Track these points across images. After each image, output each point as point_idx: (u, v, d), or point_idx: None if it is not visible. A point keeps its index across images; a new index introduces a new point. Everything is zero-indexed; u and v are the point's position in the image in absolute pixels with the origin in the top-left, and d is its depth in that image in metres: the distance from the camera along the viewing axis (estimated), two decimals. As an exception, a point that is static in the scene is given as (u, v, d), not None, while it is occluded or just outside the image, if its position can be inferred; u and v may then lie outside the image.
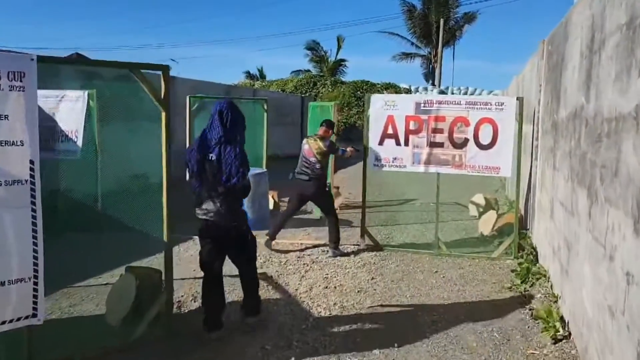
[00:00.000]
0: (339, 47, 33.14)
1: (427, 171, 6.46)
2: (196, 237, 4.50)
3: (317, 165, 6.37)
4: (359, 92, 26.83)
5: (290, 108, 20.93)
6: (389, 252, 6.50)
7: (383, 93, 26.76)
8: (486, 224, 7.49)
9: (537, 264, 5.59)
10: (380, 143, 6.53)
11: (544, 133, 5.80)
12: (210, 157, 3.61)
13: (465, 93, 24.74)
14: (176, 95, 12.52)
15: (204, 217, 3.72)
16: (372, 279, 5.50)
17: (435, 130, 6.33)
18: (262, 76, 34.75)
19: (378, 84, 27.17)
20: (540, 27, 73.01)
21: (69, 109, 7.13)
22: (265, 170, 7.95)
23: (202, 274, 4.02)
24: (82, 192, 7.55)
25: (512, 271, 5.65)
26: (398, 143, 6.47)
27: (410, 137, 6.43)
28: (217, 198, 3.64)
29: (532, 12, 73.55)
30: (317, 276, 5.52)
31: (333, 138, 6.69)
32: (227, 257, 4.01)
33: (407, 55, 31.60)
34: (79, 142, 7.10)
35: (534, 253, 5.89)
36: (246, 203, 7.62)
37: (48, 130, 7.16)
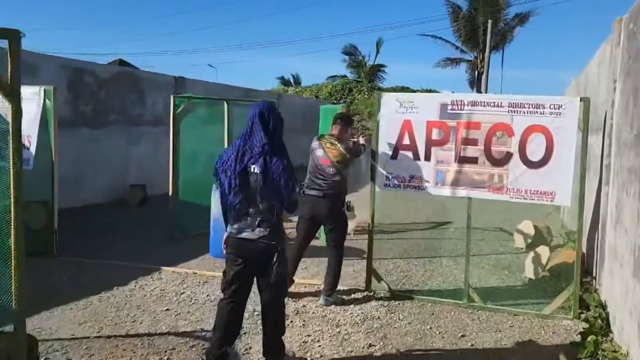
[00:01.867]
0: (378, 52, 31.61)
1: (455, 195, 4.86)
2: (164, 269, 4.89)
3: (336, 178, 4.75)
4: (397, 99, 25.18)
5: (316, 114, 19.50)
6: (402, 302, 4.91)
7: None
8: (535, 263, 5.78)
9: (610, 337, 3.90)
10: (394, 156, 4.99)
11: (622, 148, 4.11)
12: (252, 169, 3.15)
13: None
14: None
15: (240, 236, 3.24)
16: (370, 346, 3.94)
17: (467, 141, 4.74)
18: (297, 82, 33.58)
19: (418, 90, 25.43)
20: (604, 32, 68.49)
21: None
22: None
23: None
24: None
25: (572, 343, 3.97)
26: (417, 157, 4.91)
27: (433, 149, 4.86)
28: (259, 215, 3.20)
29: (593, 14, 68.53)
30: (292, 339, 4.01)
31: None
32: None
33: (452, 61, 29.61)
34: (32, 149, 5.90)
35: (604, 317, 4.19)
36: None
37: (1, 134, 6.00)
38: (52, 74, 8.40)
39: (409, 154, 4.94)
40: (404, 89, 25.62)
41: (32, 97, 5.97)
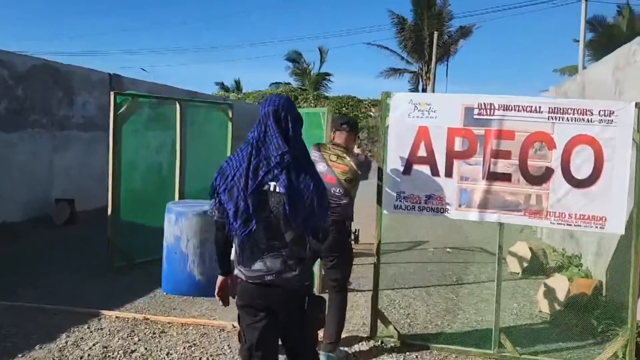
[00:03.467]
0: (322, 60, 30.81)
1: (483, 219, 3.97)
2: (104, 313, 4.21)
3: (343, 200, 3.76)
4: (344, 108, 24.52)
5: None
6: (419, 354, 3.93)
7: (370, 110, 24.55)
8: (551, 296, 5.01)
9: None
10: (406, 171, 4.02)
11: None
12: (272, 188, 2.30)
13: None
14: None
15: (259, 280, 2.32)
16: None
17: (498, 154, 3.87)
18: (239, 88, 32.18)
19: (365, 100, 24.90)
20: (545, 46, 71.53)
21: None
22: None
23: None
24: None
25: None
26: (435, 172, 3.97)
27: (456, 163, 3.94)
28: (283, 249, 2.33)
29: (536, 28, 71.42)
30: None
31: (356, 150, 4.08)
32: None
33: (396, 71, 29.34)
34: None
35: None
36: (191, 257, 5.03)
37: None
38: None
39: (426, 168, 3.99)
40: (350, 98, 24.97)
41: None
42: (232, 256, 2.45)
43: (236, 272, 2.39)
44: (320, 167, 3.72)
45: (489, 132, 3.87)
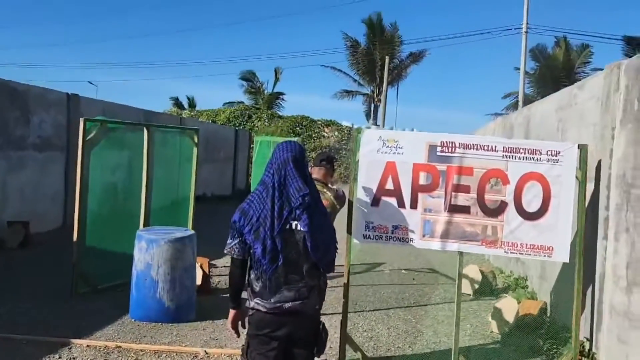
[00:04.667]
0: (277, 79, 31.16)
1: (444, 248, 4.29)
2: (74, 342, 4.20)
3: None
4: (297, 128, 24.85)
5: (223, 142, 18.44)
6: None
7: (324, 131, 24.98)
8: (501, 318, 5.39)
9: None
10: (375, 203, 4.30)
11: (634, 202, 3.83)
12: (293, 226, 2.58)
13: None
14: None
15: (278, 310, 2.57)
16: None
17: (458, 188, 4.21)
18: (192, 105, 31.97)
19: (319, 120, 25.35)
20: (491, 72, 74.74)
21: None
22: (193, 232, 5.45)
23: None
24: None
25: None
26: (401, 204, 4.27)
27: (420, 196, 4.26)
28: (301, 282, 2.62)
29: (482, 55, 74.73)
30: None
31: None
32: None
33: (349, 93, 30.13)
34: None
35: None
36: (161, 284, 5.10)
37: None
38: None
39: (393, 200, 4.28)
40: (304, 118, 25.35)
41: None
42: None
43: (252, 304, 2.61)
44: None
45: (450, 168, 4.21)
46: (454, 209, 4.21)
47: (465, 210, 4.21)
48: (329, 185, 4.14)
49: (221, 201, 15.90)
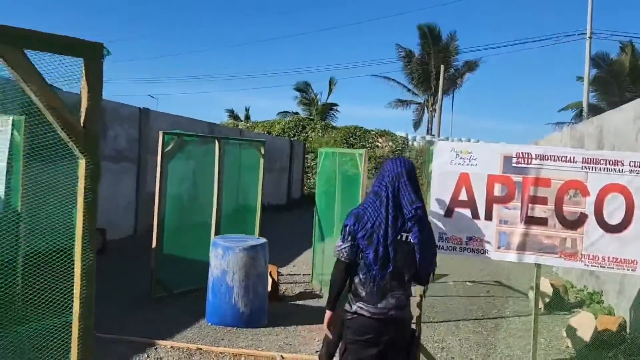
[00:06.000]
0: (330, 90, 31.49)
1: (521, 260, 4.26)
2: (159, 343, 4.23)
3: None
4: (351, 139, 24.95)
5: (279, 152, 18.79)
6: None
7: (377, 141, 24.97)
8: (576, 333, 5.25)
9: None
10: (448, 214, 4.32)
11: None
12: (404, 238, 2.71)
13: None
14: (151, 131, 10.27)
15: (383, 316, 2.69)
16: None
17: (535, 200, 4.17)
18: (247, 117, 32.76)
19: (372, 130, 25.36)
20: (548, 81, 72.59)
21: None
22: (265, 240, 5.63)
23: None
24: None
25: None
26: (476, 215, 4.27)
27: (495, 207, 4.25)
28: (402, 290, 2.76)
29: (540, 64, 72.51)
30: None
31: None
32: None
33: (403, 102, 30.06)
34: (1, 190, 4.74)
35: None
36: (236, 290, 5.29)
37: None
38: None
39: (467, 211, 4.29)
40: (357, 129, 25.44)
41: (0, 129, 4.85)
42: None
43: (354, 308, 2.71)
44: None
45: (526, 179, 4.18)
46: (530, 220, 4.17)
47: (542, 222, 4.16)
48: None
49: (278, 211, 16.22)
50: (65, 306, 2.27)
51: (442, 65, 24.95)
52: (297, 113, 31.11)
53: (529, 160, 4.20)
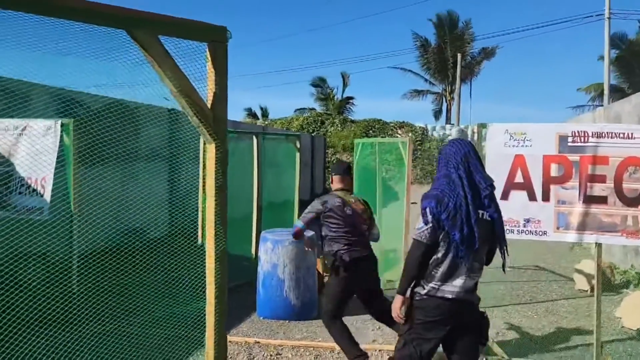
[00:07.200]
0: (345, 84, 31.41)
1: (581, 240, 4.23)
2: None
3: (367, 235, 4.22)
4: (370, 131, 24.89)
5: (302, 148, 18.76)
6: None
7: (397, 132, 24.88)
8: (635, 310, 5.18)
9: None
10: (504, 196, 4.28)
11: None
12: (480, 215, 2.67)
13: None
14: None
15: (455, 296, 2.67)
16: None
17: (594, 178, 4.12)
18: (265, 115, 32.84)
19: (391, 122, 25.28)
20: (566, 64, 71.52)
21: (33, 147, 4.89)
22: (312, 232, 5.63)
23: None
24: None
25: None
26: (532, 197, 4.23)
27: (553, 188, 4.20)
28: (479, 270, 2.74)
29: (557, 48, 71.40)
30: None
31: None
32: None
33: (419, 93, 29.86)
34: (47, 195, 4.82)
35: None
36: (287, 283, 5.30)
37: (1, 178, 4.93)
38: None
39: (523, 193, 4.25)
40: (376, 121, 25.37)
41: (46, 132, 4.92)
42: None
43: (427, 289, 2.68)
44: (348, 210, 4.10)
45: (583, 158, 4.13)
46: (589, 199, 4.12)
47: (602, 200, 4.10)
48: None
49: (303, 206, 16.23)
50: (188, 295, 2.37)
51: (459, 54, 24.75)
52: (313, 109, 31.15)
53: (586, 138, 4.14)
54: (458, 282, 2.67)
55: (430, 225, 2.63)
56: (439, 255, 2.67)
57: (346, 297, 4.09)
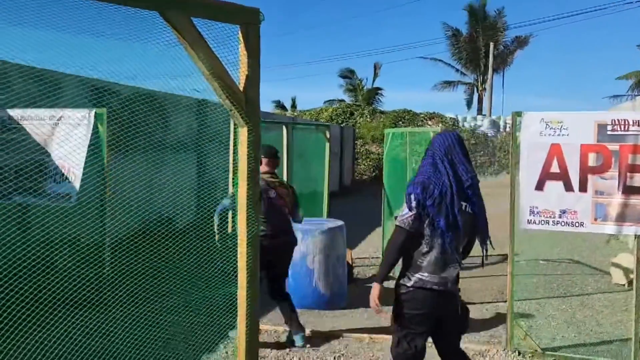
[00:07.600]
0: (376, 75, 31.15)
1: (620, 232, 4.09)
2: None
3: (290, 218, 4.49)
4: (400, 122, 24.63)
5: (332, 139, 18.72)
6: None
7: (427, 123, 24.57)
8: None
9: None
10: (539, 187, 4.17)
11: None
12: (463, 207, 2.69)
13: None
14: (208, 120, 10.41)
15: (442, 287, 2.69)
16: None
17: (634, 168, 3.97)
18: (294, 106, 32.88)
19: (421, 113, 24.96)
20: (602, 53, 69.41)
21: (67, 135, 5.00)
22: (342, 222, 5.62)
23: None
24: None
25: None
26: (569, 187, 4.10)
27: (590, 178, 4.06)
28: (456, 263, 2.77)
29: (594, 36, 69.32)
30: None
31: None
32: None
33: (450, 84, 29.35)
34: (76, 183, 4.93)
35: None
36: (316, 273, 5.31)
37: (38, 166, 5.06)
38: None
39: (559, 184, 4.13)
40: (406, 112, 25.09)
41: (80, 122, 5.03)
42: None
43: (413, 280, 2.67)
44: (272, 193, 4.21)
45: (623, 147, 3.98)
46: (629, 190, 3.97)
47: (642, 191, 3.96)
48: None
49: (332, 197, 16.21)
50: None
51: (491, 43, 24.23)
52: (342, 100, 31.01)
53: (627, 127, 3.99)
54: (444, 273, 2.69)
55: (415, 212, 2.62)
56: (425, 245, 2.66)
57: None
